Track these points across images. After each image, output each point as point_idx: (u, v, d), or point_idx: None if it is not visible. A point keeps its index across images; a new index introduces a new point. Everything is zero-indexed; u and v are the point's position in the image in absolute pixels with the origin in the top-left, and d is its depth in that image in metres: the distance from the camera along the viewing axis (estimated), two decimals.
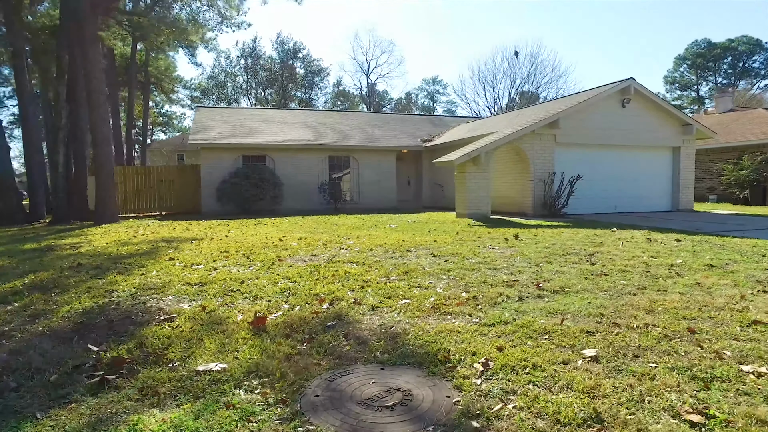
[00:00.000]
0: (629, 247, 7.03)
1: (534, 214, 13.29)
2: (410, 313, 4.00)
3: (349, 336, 3.52)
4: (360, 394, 2.66)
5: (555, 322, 3.61)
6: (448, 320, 3.79)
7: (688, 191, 15.24)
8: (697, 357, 2.94)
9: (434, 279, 5.16)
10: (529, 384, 2.64)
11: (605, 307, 3.99)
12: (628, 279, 5.02)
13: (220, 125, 19.08)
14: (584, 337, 3.31)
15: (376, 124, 21.93)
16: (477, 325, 3.64)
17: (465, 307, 4.10)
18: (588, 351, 3.04)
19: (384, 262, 6.14)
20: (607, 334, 3.35)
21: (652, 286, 4.74)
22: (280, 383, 2.76)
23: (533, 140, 13.34)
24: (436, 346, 3.22)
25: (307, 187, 18.22)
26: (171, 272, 5.72)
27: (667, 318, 3.69)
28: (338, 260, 6.31)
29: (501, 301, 4.25)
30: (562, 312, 3.89)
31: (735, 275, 5.17)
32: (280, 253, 6.98)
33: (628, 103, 14.13)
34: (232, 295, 4.68)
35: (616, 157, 14.66)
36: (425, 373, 2.87)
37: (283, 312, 4.11)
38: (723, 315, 3.76)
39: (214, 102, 43.75)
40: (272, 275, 5.45)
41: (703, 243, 7.46)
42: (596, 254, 6.47)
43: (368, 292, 4.68)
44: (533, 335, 3.38)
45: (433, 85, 62.50)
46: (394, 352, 3.18)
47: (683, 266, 5.66)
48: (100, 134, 12.47)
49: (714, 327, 3.49)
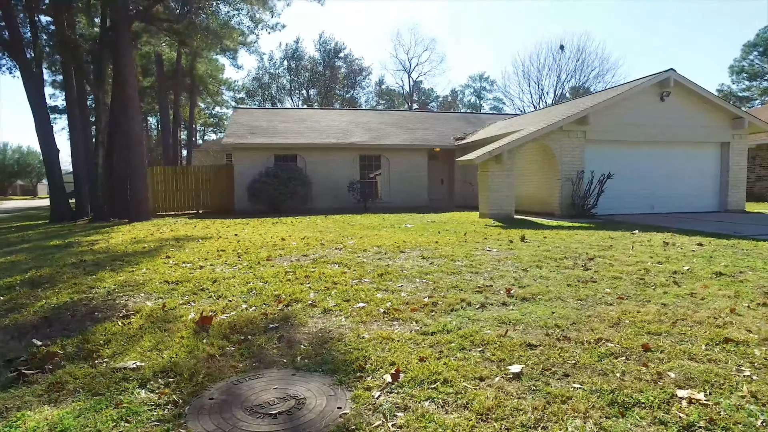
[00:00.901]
0: (639, 251, 6.50)
1: (561, 214, 12.66)
2: (359, 317, 3.88)
3: (283, 339, 3.46)
4: (254, 399, 2.61)
5: (500, 333, 3.38)
6: (392, 326, 3.65)
7: (739, 190, 13.94)
8: (633, 378, 2.63)
9: (407, 282, 5.00)
10: (426, 401, 2.47)
11: (567, 318, 3.69)
12: (614, 287, 4.63)
13: (254, 126, 19.63)
14: (522, 351, 3.06)
15: (409, 123, 21.75)
16: (417, 333, 3.47)
17: (418, 313, 3.93)
18: (514, 367, 2.81)
19: (369, 263, 6.03)
20: (548, 349, 3.08)
21: (638, 295, 4.34)
22: (184, 384, 2.76)
23: (561, 137, 12.69)
24: (359, 354, 3.10)
25: (337, 186, 18.37)
26: (157, 270, 5.90)
27: (629, 332, 3.35)
28: (324, 260, 6.28)
29: (459, 308, 4.04)
30: (516, 322, 3.64)
31: (742, 285, 4.64)
32: (273, 252, 7.04)
33: (668, 97, 13.12)
34: (199, 294, 4.76)
35: (655, 155, 13.67)
36: (333, 382, 2.76)
37: (237, 312, 4.13)
38: (695, 331, 3.37)
39: (260, 103, 45.18)
40: (249, 275, 5.50)
41: (728, 248, 6.77)
42: (597, 258, 6.04)
43: (331, 294, 4.60)
44: (468, 347, 3.17)
45: (479, 82, 61.26)
46: (315, 358, 3.09)
47: (687, 274, 5.16)
48: (133, 137, 13.19)
49: (676, 344, 3.13)
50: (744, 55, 39.85)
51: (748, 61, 39.72)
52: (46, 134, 14.43)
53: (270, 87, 44.60)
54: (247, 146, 17.88)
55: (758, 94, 38.33)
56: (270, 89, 44.59)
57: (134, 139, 13.26)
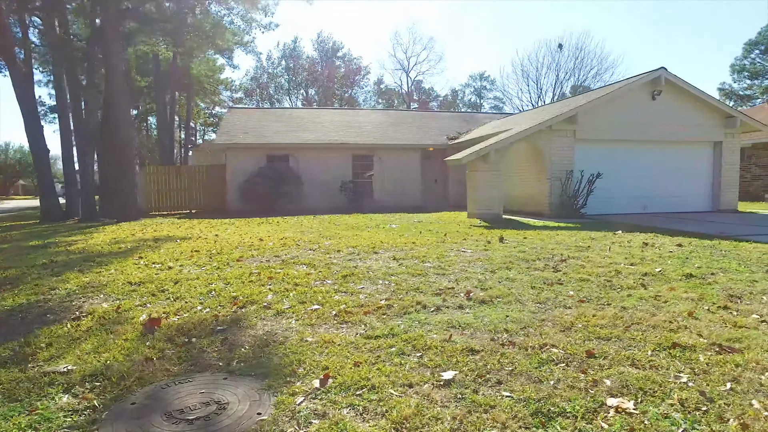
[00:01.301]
0: (615, 253, 6.40)
1: (551, 214, 12.55)
2: (309, 320, 3.82)
3: (226, 342, 3.40)
4: (176, 404, 2.55)
5: (444, 338, 3.30)
6: (339, 330, 3.58)
7: (731, 190, 13.78)
8: (566, 387, 2.55)
9: (369, 284, 4.93)
10: (346, 408, 2.40)
11: (519, 322, 3.61)
12: (579, 290, 4.54)
13: (247, 126, 19.60)
14: (461, 356, 2.98)
15: (403, 123, 21.67)
16: (361, 336, 3.40)
17: (370, 316, 3.86)
18: (448, 374, 2.73)
19: (338, 264, 5.96)
20: (489, 355, 3.00)
21: (600, 298, 4.25)
22: (111, 388, 2.71)
23: (551, 137, 12.58)
24: (295, 358, 3.03)
25: (330, 186, 18.31)
26: (125, 271, 5.86)
27: (578, 337, 3.27)
28: (294, 261, 6.21)
29: (413, 311, 3.96)
30: (466, 326, 3.56)
31: (709, 287, 4.54)
32: (247, 253, 6.98)
33: (659, 95, 12.98)
34: (158, 296, 4.70)
35: (647, 154, 13.53)
36: (262, 386, 2.70)
37: (190, 314, 4.07)
38: (647, 335, 3.28)
39: (258, 103, 45.19)
40: (214, 276, 5.44)
41: (707, 249, 6.66)
42: (570, 260, 5.94)
43: (290, 296, 4.53)
44: (408, 351, 3.10)
45: (479, 81, 61.05)
46: (252, 362, 3.03)
47: (657, 276, 5.06)
48: (121, 137, 13.16)
49: (622, 350, 3.04)
50: (745, 53, 39.52)
51: (749, 60, 39.39)
52: (36, 134, 14.44)
53: (268, 87, 44.63)
54: (239, 146, 17.85)
55: (760, 93, 38.01)
56: (268, 89, 44.63)
57: (122, 139, 13.25)
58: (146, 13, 14.25)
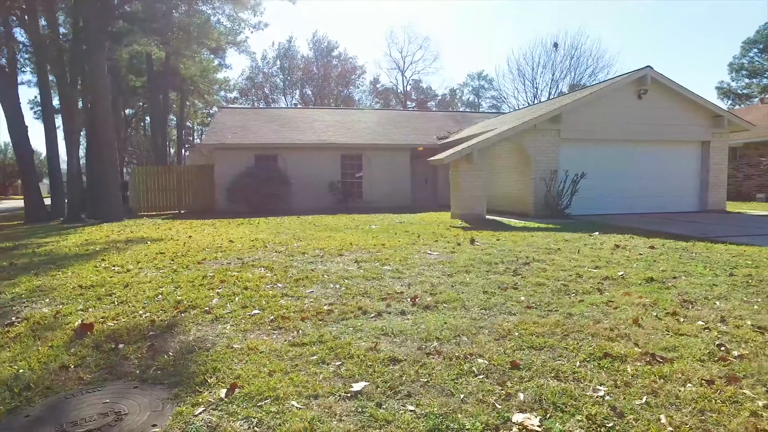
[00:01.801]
0: (584, 255, 6.28)
1: (535, 214, 12.43)
2: (245, 326, 3.72)
3: (152, 348, 3.31)
4: (73, 416, 2.48)
5: (371, 346, 3.19)
6: (270, 336, 3.48)
7: (719, 190, 13.63)
8: (476, 401, 2.44)
9: (320, 288, 4.82)
10: (241, 420, 2.30)
11: (455, 330, 3.50)
12: (531, 295, 4.43)
13: (236, 126, 19.51)
14: (381, 366, 2.88)
15: (393, 122, 21.55)
16: (288, 343, 3.30)
17: (307, 321, 3.76)
18: (359, 385, 2.63)
19: (297, 267, 5.86)
20: (410, 365, 2.90)
21: (549, 304, 4.13)
22: (10, 400, 2.62)
23: (535, 136, 12.45)
24: (212, 366, 2.94)
25: (318, 186, 18.22)
26: (80, 274, 5.78)
27: (509, 346, 3.16)
28: (254, 264, 6.12)
29: (351, 317, 3.86)
30: (399, 334, 3.45)
31: (666, 292, 4.43)
32: (212, 255, 6.89)
33: (645, 94, 12.84)
34: (103, 300, 4.61)
35: (634, 154, 13.39)
36: (169, 396, 2.61)
37: (127, 319, 3.98)
38: (582, 344, 3.17)
39: (253, 102, 45.08)
40: (167, 279, 5.35)
41: (679, 251, 6.54)
42: (534, 263, 5.83)
43: (235, 300, 4.44)
44: (329, 360, 3.00)
45: (478, 81, 60.84)
46: (168, 370, 2.95)
47: (618, 280, 4.94)
48: (104, 138, 13.08)
49: (550, 360, 2.93)
50: (744, 52, 39.23)
51: (747, 59, 39.09)
52: (20, 135, 14.38)
53: (264, 87, 44.49)
54: (227, 146, 17.77)
55: (758, 92, 37.70)
56: (264, 89, 44.49)
57: (105, 139, 13.16)
58: (132, 12, 14.16)
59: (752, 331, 3.36)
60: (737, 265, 5.56)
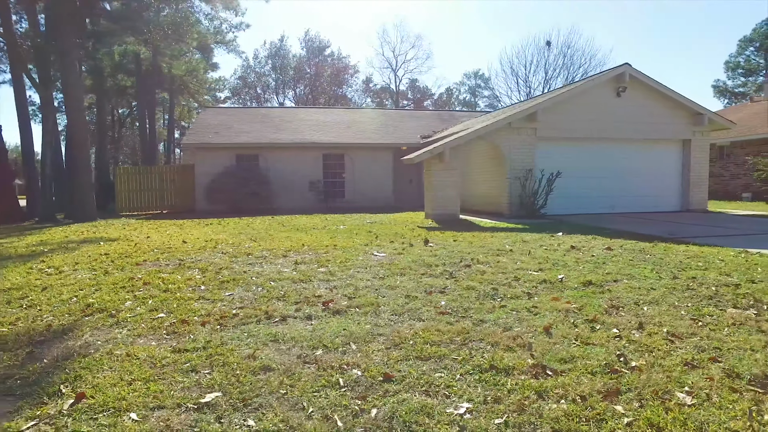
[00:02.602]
0: (533, 257, 6.06)
1: (511, 214, 12.20)
2: (141, 330, 3.54)
3: (30, 355, 3.15)
4: None
5: (251, 354, 3.00)
6: (160, 342, 3.31)
7: (701, 189, 13.37)
8: (320, 418, 2.24)
9: (242, 290, 4.63)
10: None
11: (350, 337, 3.30)
12: (455, 300, 4.22)
13: (219, 125, 19.34)
14: (248, 376, 2.69)
15: (377, 121, 21.36)
16: (172, 350, 3.12)
17: (206, 326, 3.58)
18: (210, 396, 2.44)
19: (232, 268, 5.67)
20: (279, 375, 2.70)
21: (469, 310, 3.92)
22: None
23: (510, 135, 12.22)
24: (74, 374, 2.78)
25: (299, 186, 18.04)
26: (7, 276, 5.61)
27: (396, 356, 2.95)
28: (190, 266, 5.93)
29: (254, 322, 3.67)
30: (290, 340, 3.26)
31: (597, 297, 4.21)
32: (155, 256, 6.71)
33: (624, 92, 12.59)
34: (12, 303, 4.45)
35: (615, 152, 13.14)
36: (11, 409, 2.43)
37: (25, 324, 3.81)
38: (475, 354, 2.96)
39: (246, 102, 44.89)
40: (92, 282, 5.16)
41: (635, 252, 6.31)
42: (477, 265, 5.61)
43: (148, 303, 4.25)
44: (201, 368, 2.81)
45: (474, 80, 60.60)
46: (30, 378, 2.79)
47: (555, 284, 4.72)
48: (78, 138, 12.91)
49: (431, 372, 2.72)
50: (740, 50, 38.84)
51: (744, 57, 38.70)
52: None
53: (256, 86, 44.31)
54: (207, 146, 17.61)
55: (754, 90, 37.28)
56: (256, 88, 44.31)
57: (78, 140, 13.00)
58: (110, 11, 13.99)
59: (663, 340, 3.15)
60: (687, 267, 5.34)
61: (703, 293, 4.29)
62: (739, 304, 3.99)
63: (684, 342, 3.12)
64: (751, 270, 5.21)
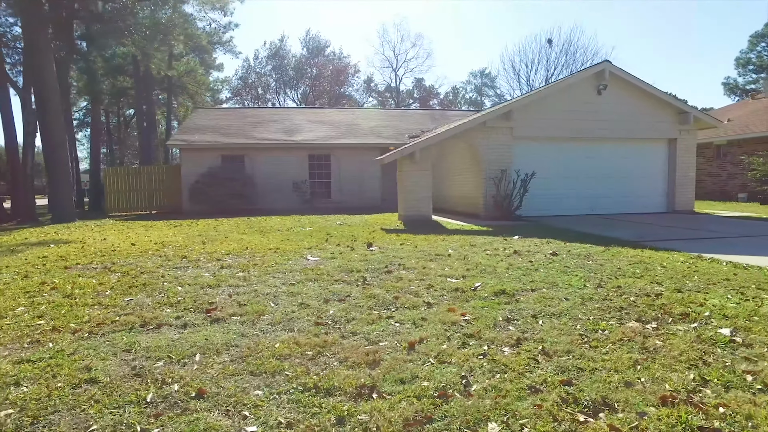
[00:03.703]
0: (466, 263, 5.83)
1: (486, 215, 11.91)
2: (3, 340, 3.42)
3: None
4: None
5: (87, 365, 2.88)
6: (11, 352, 3.21)
7: (687, 190, 12.90)
8: None
9: (143, 296, 4.51)
10: None
11: (203, 348, 3.16)
12: (348, 309, 4.04)
13: (207, 126, 19.37)
14: (65, 390, 2.56)
15: (366, 121, 21.19)
16: (12, 362, 3.01)
17: (73, 335, 3.49)
18: (3, 412, 2.30)
19: (155, 273, 5.56)
20: (98, 389, 2.56)
21: (352, 320, 3.74)
22: None
23: (486, 134, 11.93)
24: None
25: (285, 187, 17.96)
26: None
27: (230, 370, 2.80)
28: (114, 269, 5.84)
29: (125, 330, 3.57)
30: (143, 350, 3.13)
31: (500, 309, 3.99)
32: (90, 259, 6.66)
33: (605, 90, 12.21)
34: None
35: (597, 152, 12.76)
36: None
37: None
38: (302, 373, 2.78)
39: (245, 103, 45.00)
40: (4, 286, 5.09)
41: (580, 258, 6.04)
42: (400, 271, 5.41)
43: (39, 309, 4.18)
44: (23, 382, 2.69)
45: (480, 79, 59.96)
46: None
47: (468, 293, 4.50)
48: (55, 139, 13.01)
49: (251, 390, 2.55)
50: (751, 46, 37.68)
51: (755, 53, 37.55)
52: None
53: (256, 87, 44.43)
54: (193, 147, 17.63)
55: (759, 88, 36.20)
56: (257, 89, 44.44)
57: (56, 141, 13.10)
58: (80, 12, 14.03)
59: (529, 359, 2.92)
60: (622, 275, 5.07)
61: (616, 304, 4.03)
62: (646, 316, 3.73)
63: (550, 361, 2.90)
64: (687, 278, 4.93)
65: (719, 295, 4.27)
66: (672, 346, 3.09)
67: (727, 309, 3.83)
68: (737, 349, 3.04)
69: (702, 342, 3.15)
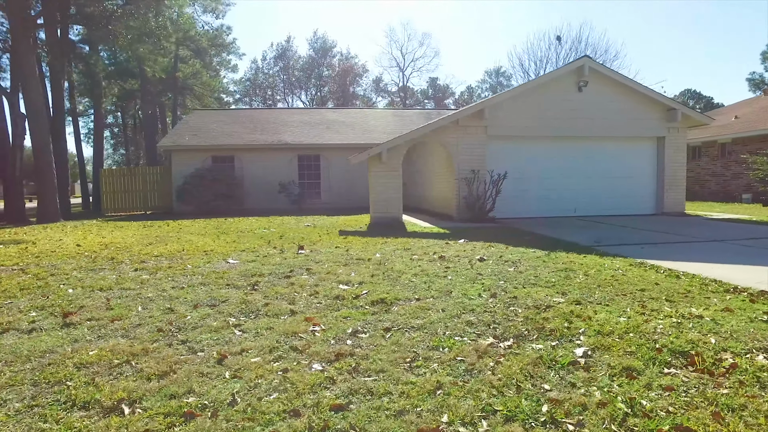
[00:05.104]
0: (383, 267, 5.63)
1: (458, 217, 11.61)
2: None
3: None
4: None
5: None
6: None
7: (677, 190, 12.26)
8: None
9: (30, 298, 4.48)
10: None
11: (19, 354, 3.04)
12: (204, 316, 3.90)
13: (199, 127, 19.57)
14: None
15: (359, 121, 21.04)
16: None
17: None
18: None
19: (72, 275, 5.56)
20: None
21: (196, 328, 3.59)
22: None
23: (459, 133, 11.61)
24: None
25: (273, 188, 17.97)
26: None
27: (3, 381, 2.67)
28: (28, 272, 5.88)
29: None
30: None
31: (356, 320, 3.79)
32: (18, 261, 6.72)
33: (586, 87, 11.71)
34: None
35: (579, 152, 12.27)
36: None
37: None
38: (84, 382, 2.64)
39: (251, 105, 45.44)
40: None
41: (506, 264, 5.75)
42: (299, 277, 5.25)
43: None
44: None
45: (496, 77, 59.03)
46: None
47: (348, 300, 4.31)
48: (40, 142, 13.33)
49: (10, 401, 2.42)
50: None
51: None
52: None
53: (265, 88, 44.83)
54: (182, 148, 17.83)
55: None
56: (266, 90, 44.83)
57: (40, 142, 13.42)
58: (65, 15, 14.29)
59: (326, 378, 2.71)
60: (534, 284, 4.77)
61: (493, 318, 3.74)
62: (510, 333, 3.43)
63: (349, 381, 2.66)
64: (601, 287, 4.59)
65: (618, 308, 3.94)
66: (503, 368, 2.81)
67: (608, 324, 3.52)
68: (570, 373, 2.75)
69: (539, 364, 2.86)
